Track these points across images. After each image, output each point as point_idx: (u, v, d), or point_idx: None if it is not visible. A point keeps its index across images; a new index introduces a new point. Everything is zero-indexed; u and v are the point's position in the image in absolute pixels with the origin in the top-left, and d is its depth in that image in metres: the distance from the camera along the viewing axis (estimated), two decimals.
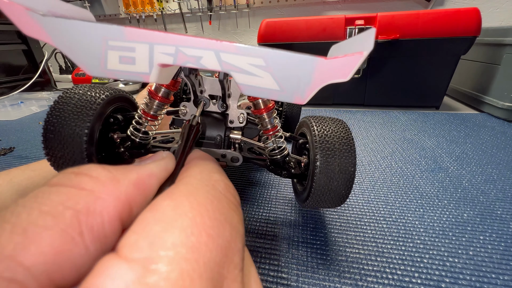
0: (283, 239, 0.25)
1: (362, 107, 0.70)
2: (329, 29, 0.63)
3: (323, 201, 0.21)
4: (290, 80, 0.12)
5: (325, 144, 0.19)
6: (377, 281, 0.21)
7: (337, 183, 0.19)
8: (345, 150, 0.19)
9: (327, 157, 0.19)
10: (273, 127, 0.21)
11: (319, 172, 0.19)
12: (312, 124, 0.21)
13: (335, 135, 0.20)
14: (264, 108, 0.20)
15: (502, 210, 0.28)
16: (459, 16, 0.56)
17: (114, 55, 0.11)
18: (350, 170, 0.19)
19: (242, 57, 0.11)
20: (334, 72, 0.11)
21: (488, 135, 0.48)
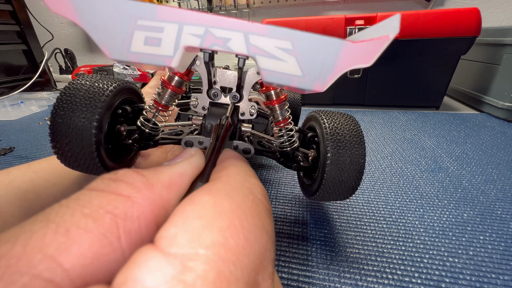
0: (283, 239, 0.25)
1: (362, 107, 0.70)
2: (329, 29, 0.63)
3: (333, 193, 0.21)
4: (314, 65, 0.12)
5: (336, 136, 0.20)
6: (377, 281, 0.21)
7: (347, 174, 0.20)
8: (355, 142, 0.20)
9: (338, 149, 0.19)
10: (284, 119, 0.21)
11: (330, 164, 0.19)
12: (322, 118, 0.22)
13: (345, 128, 0.20)
14: (277, 99, 0.20)
15: (502, 210, 0.28)
16: (459, 16, 0.56)
17: (141, 35, 0.11)
18: (360, 162, 0.20)
19: (271, 40, 0.11)
20: (358, 57, 0.11)
21: (488, 135, 0.48)
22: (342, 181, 0.20)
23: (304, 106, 0.73)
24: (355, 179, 0.20)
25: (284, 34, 0.11)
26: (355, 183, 0.20)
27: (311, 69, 0.12)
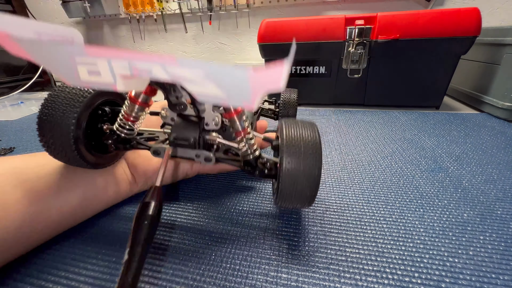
0: (283, 239, 0.25)
1: (362, 107, 0.70)
2: (329, 29, 0.63)
3: (289, 202, 0.21)
4: (232, 89, 0.12)
5: (291, 146, 0.20)
6: (377, 281, 0.21)
7: (301, 185, 0.20)
8: (311, 153, 0.20)
9: (292, 159, 0.20)
10: (243, 129, 0.22)
11: (284, 174, 0.20)
12: (283, 126, 0.22)
13: (302, 138, 0.21)
14: (234, 111, 0.21)
15: (502, 210, 0.28)
16: (459, 16, 0.56)
17: (83, 68, 0.12)
18: (315, 173, 0.20)
19: (185, 69, 0.11)
20: (267, 82, 0.12)
21: (488, 135, 0.48)
22: (297, 190, 0.20)
23: (304, 106, 0.73)
24: (310, 189, 0.20)
25: (193, 65, 0.11)
26: (310, 194, 0.20)
27: (232, 92, 0.13)
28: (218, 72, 0.12)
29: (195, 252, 0.24)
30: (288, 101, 0.44)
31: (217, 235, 0.26)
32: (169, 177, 0.31)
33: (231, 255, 0.23)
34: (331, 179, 0.35)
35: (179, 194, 0.32)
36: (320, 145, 0.20)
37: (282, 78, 0.11)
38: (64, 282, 0.21)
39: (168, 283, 0.21)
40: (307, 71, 0.69)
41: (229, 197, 0.32)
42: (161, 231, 0.26)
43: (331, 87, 0.70)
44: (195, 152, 0.22)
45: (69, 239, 0.26)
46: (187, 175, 0.32)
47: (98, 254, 0.24)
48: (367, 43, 0.62)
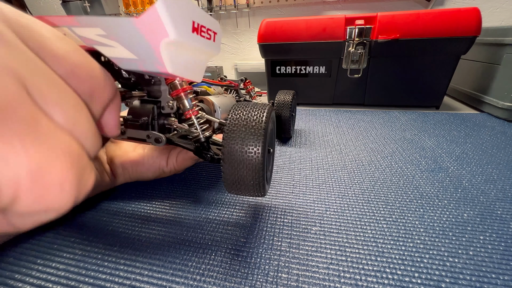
0: (283, 239, 0.25)
1: (362, 107, 0.70)
2: (329, 29, 0.63)
3: (235, 189, 0.21)
4: (136, 46, 0.12)
5: (231, 128, 0.19)
6: (377, 281, 0.21)
7: (242, 171, 0.19)
8: (252, 134, 0.19)
9: (231, 141, 0.19)
10: (191, 108, 0.22)
11: (224, 158, 0.19)
12: (232, 108, 0.21)
13: (245, 119, 0.19)
14: (181, 88, 0.21)
15: (502, 210, 0.28)
16: (459, 16, 0.56)
17: None
18: (256, 158, 0.18)
19: (87, 29, 0.11)
20: (155, 31, 0.12)
21: (488, 135, 0.48)
22: (239, 176, 0.19)
23: (304, 106, 0.73)
24: (252, 176, 0.19)
25: (90, 21, 0.11)
26: (253, 181, 0.19)
27: (138, 50, 0.13)
28: (113, 26, 0.11)
29: (195, 252, 0.24)
30: (282, 102, 0.44)
31: (217, 235, 0.26)
32: (144, 172, 0.30)
33: (231, 255, 0.23)
34: (331, 179, 0.35)
35: (175, 187, 0.32)
36: (266, 126, 0.19)
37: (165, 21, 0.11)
38: (50, 271, 0.21)
39: (168, 283, 0.21)
40: (307, 71, 0.69)
41: (228, 196, 0.32)
42: (161, 230, 0.26)
43: (331, 87, 0.70)
44: (146, 133, 0.22)
45: (52, 231, 0.27)
46: (163, 172, 0.30)
47: (84, 246, 0.24)
48: (367, 43, 0.62)
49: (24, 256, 0.24)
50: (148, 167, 0.29)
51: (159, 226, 0.27)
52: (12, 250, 0.24)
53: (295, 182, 0.35)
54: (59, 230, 0.27)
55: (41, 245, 0.25)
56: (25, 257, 0.24)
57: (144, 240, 0.25)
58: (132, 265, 0.23)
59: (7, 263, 0.23)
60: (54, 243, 0.25)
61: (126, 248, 0.24)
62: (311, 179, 0.35)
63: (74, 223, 0.28)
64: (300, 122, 0.59)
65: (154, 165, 0.29)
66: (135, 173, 0.30)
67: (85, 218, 0.29)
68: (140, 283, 0.21)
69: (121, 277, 0.22)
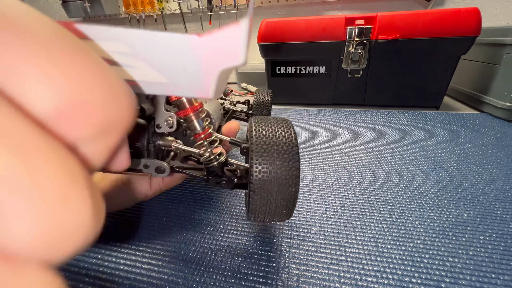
0: (283, 239, 0.25)
1: (362, 107, 0.70)
2: (329, 29, 0.63)
3: (264, 215, 0.18)
4: (174, 69, 0.10)
5: (262, 147, 0.17)
6: (377, 281, 0.21)
7: (276, 194, 0.17)
8: (287, 155, 0.17)
9: (264, 162, 0.16)
10: (203, 130, 0.18)
11: (255, 181, 0.16)
12: (252, 125, 0.18)
13: (275, 137, 0.17)
14: (191, 107, 0.17)
15: (502, 210, 0.28)
16: (459, 16, 0.56)
17: None
18: (293, 178, 0.16)
19: (102, 43, 0.09)
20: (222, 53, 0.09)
21: (488, 135, 0.48)
22: (272, 200, 0.17)
23: (304, 106, 0.73)
24: (288, 198, 0.17)
25: (109, 34, 0.09)
26: (288, 202, 0.17)
27: (174, 74, 0.10)
28: (148, 43, 0.09)
29: (195, 252, 0.24)
30: (261, 102, 0.42)
31: (217, 235, 0.26)
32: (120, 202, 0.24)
33: (231, 255, 0.23)
34: (331, 179, 0.35)
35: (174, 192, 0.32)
36: (297, 145, 0.17)
37: (242, 44, 0.09)
38: None
39: (168, 283, 0.21)
40: (307, 71, 0.69)
41: (225, 197, 0.32)
42: (161, 228, 0.26)
43: (331, 87, 0.70)
44: (143, 162, 0.18)
45: None
46: (146, 196, 0.25)
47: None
48: (367, 43, 0.62)
49: None
50: (124, 198, 0.23)
51: (158, 226, 0.27)
52: None
53: None
54: None
55: None
56: None
57: (145, 240, 0.25)
58: (132, 265, 0.23)
59: None
60: None
61: (126, 247, 0.24)
62: (311, 179, 0.35)
63: None
64: (300, 122, 0.59)
65: (133, 191, 0.23)
66: (107, 207, 0.23)
67: None
68: (140, 283, 0.21)
69: (121, 277, 0.22)
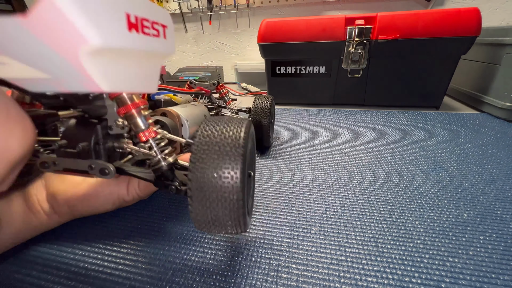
0: (283, 239, 0.25)
1: (362, 107, 0.70)
2: (329, 29, 0.63)
3: (210, 228, 0.16)
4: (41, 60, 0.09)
5: (201, 148, 0.15)
6: (377, 281, 0.21)
7: (215, 208, 0.14)
8: (229, 156, 0.14)
9: (200, 164, 0.14)
10: (147, 128, 0.17)
11: (191, 186, 0.14)
12: (201, 124, 0.17)
13: (219, 137, 0.15)
14: (132, 104, 0.16)
15: (502, 210, 0.28)
16: (459, 16, 0.56)
17: None
18: (235, 185, 0.14)
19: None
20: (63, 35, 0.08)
21: (488, 135, 0.48)
22: (212, 209, 0.14)
23: (304, 106, 0.73)
24: (230, 207, 0.14)
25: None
26: (232, 213, 0.14)
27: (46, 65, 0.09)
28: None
29: (195, 251, 0.24)
30: (260, 108, 0.38)
31: (217, 235, 0.26)
32: (100, 204, 0.24)
33: (231, 255, 0.23)
34: (331, 179, 0.35)
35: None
36: (245, 146, 0.15)
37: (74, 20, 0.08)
38: (50, 271, 0.21)
39: (169, 283, 0.21)
40: (307, 71, 0.69)
41: None
42: (161, 228, 0.26)
43: (331, 87, 0.70)
44: (87, 162, 0.17)
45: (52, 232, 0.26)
46: (124, 201, 0.25)
47: (85, 245, 0.24)
48: (367, 43, 0.62)
49: (24, 256, 0.24)
50: (103, 200, 0.24)
51: (157, 223, 0.27)
52: (12, 250, 0.24)
53: (295, 182, 0.35)
54: (58, 233, 0.27)
55: (41, 246, 0.25)
56: (24, 256, 0.24)
57: (145, 240, 0.25)
58: (132, 265, 0.23)
59: (7, 263, 0.23)
60: (53, 244, 0.25)
61: (126, 248, 0.24)
62: (311, 179, 0.35)
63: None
64: (300, 122, 0.59)
65: (111, 196, 0.24)
66: (86, 208, 0.24)
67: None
68: (140, 283, 0.21)
69: (121, 277, 0.22)
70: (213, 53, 1.13)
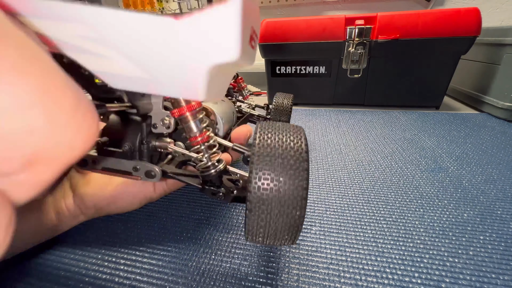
0: None
1: (362, 107, 0.70)
2: (329, 29, 0.63)
3: (263, 236, 0.15)
4: (151, 60, 0.08)
5: (264, 157, 0.14)
6: (377, 281, 0.21)
7: (279, 214, 0.14)
8: (294, 167, 0.14)
9: (265, 174, 0.14)
10: (201, 133, 0.16)
11: (252, 196, 0.14)
12: (257, 131, 0.16)
13: (281, 146, 0.14)
14: (187, 106, 0.16)
15: (502, 210, 0.28)
16: (459, 16, 0.56)
17: None
18: (299, 196, 0.13)
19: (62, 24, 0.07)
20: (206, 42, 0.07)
21: (488, 135, 0.48)
22: (273, 220, 0.14)
23: (304, 106, 0.73)
24: (292, 219, 0.14)
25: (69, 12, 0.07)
26: (293, 223, 0.14)
27: (152, 67, 0.08)
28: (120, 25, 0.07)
29: (195, 252, 0.24)
30: (281, 106, 0.38)
31: (217, 235, 0.26)
32: (126, 205, 0.24)
33: (231, 255, 0.23)
34: (331, 179, 0.35)
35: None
36: (308, 159, 0.14)
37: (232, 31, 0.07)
38: (50, 271, 0.21)
39: (169, 283, 0.21)
40: (307, 71, 0.69)
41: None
42: (161, 228, 0.26)
43: (331, 87, 0.70)
44: (132, 164, 0.16)
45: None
46: (151, 199, 0.24)
47: (85, 246, 0.24)
48: (367, 43, 0.62)
49: (23, 256, 0.24)
50: (131, 200, 0.23)
51: (158, 226, 0.27)
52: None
53: None
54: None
55: (41, 246, 0.25)
56: (24, 257, 0.24)
57: (144, 240, 0.25)
58: (132, 265, 0.23)
59: (7, 263, 0.23)
60: (53, 244, 0.25)
61: (126, 248, 0.24)
62: (311, 179, 0.35)
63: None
64: (300, 122, 0.59)
65: (138, 195, 0.23)
66: (114, 209, 0.24)
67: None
68: (140, 283, 0.21)
69: (121, 277, 0.22)
70: None
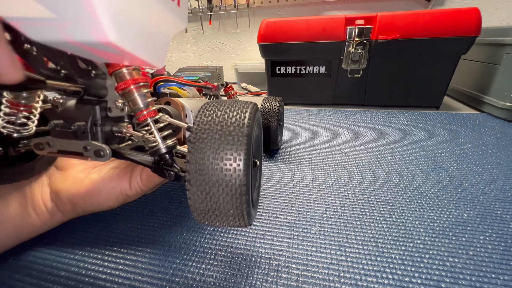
0: (283, 239, 0.25)
1: (362, 107, 0.70)
2: (329, 29, 0.63)
3: (211, 220, 0.15)
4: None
5: (199, 134, 0.14)
6: (377, 281, 0.21)
7: (215, 197, 0.13)
8: (231, 141, 0.13)
9: (199, 151, 0.13)
10: (147, 107, 0.16)
11: (189, 174, 0.13)
12: (201, 108, 0.16)
13: (221, 122, 0.14)
14: (131, 79, 0.15)
15: (502, 210, 0.28)
16: (459, 16, 0.56)
17: None
18: (238, 173, 0.13)
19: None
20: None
21: (488, 135, 0.48)
22: (212, 198, 0.13)
23: (304, 106, 0.73)
24: (232, 197, 0.13)
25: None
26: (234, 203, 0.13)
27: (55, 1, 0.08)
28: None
29: (195, 251, 0.24)
30: (268, 109, 0.38)
31: (217, 235, 0.26)
32: (102, 201, 0.23)
33: (231, 255, 0.23)
34: (331, 179, 0.35)
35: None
36: (250, 127, 0.14)
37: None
38: (50, 271, 0.21)
39: (169, 283, 0.21)
40: (307, 71, 0.69)
41: None
42: (161, 228, 0.26)
43: (331, 87, 0.70)
44: (82, 144, 0.16)
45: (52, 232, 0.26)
46: (127, 196, 0.24)
47: (85, 246, 0.24)
48: (367, 43, 0.62)
49: (23, 256, 0.24)
50: (106, 195, 0.23)
51: (158, 222, 0.27)
52: (12, 250, 0.24)
53: (295, 182, 0.35)
54: (56, 231, 0.27)
55: (41, 246, 0.25)
56: (24, 257, 0.24)
57: (144, 240, 0.25)
58: (132, 265, 0.23)
59: (7, 263, 0.23)
60: (53, 244, 0.25)
61: (126, 248, 0.24)
62: (311, 179, 0.35)
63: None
64: (300, 122, 0.59)
65: (114, 191, 0.23)
66: (89, 205, 0.23)
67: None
68: (140, 283, 0.21)
69: (121, 277, 0.22)
70: (213, 53, 1.13)
